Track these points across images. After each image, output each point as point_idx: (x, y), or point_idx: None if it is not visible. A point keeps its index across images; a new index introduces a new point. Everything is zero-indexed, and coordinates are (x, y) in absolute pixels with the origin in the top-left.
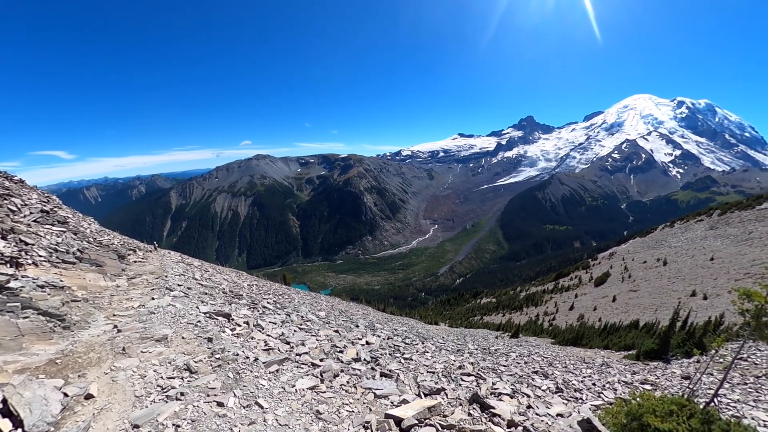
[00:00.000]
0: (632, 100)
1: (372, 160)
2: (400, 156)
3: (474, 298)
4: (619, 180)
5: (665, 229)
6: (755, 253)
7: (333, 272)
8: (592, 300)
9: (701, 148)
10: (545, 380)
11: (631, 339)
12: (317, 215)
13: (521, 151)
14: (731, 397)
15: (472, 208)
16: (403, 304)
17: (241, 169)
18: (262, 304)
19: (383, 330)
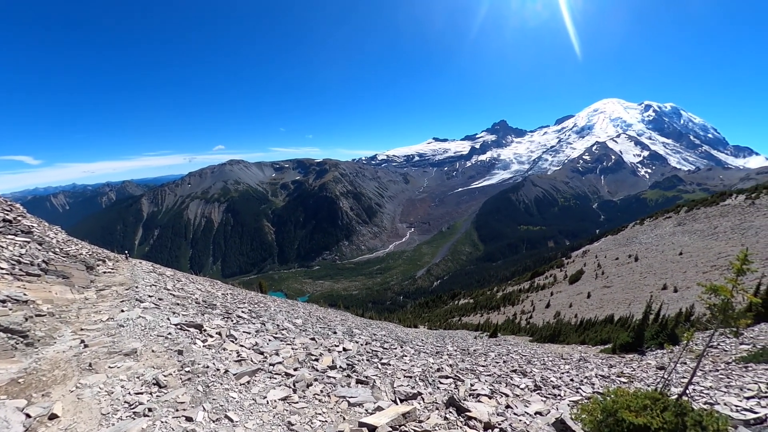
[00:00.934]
0: (602, 104)
1: (347, 165)
2: (375, 160)
3: (452, 299)
4: (590, 181)
5: (635, 227)
6: (721, 246)
7: (310, 279)
8: (568, 297)
9: (668, 149)
10: (524, 378)
11: (607, 333)
12: (293, 221)
13: (495, 155)
14: (704, 385)
15: (447, 211)
16: (381, 308)
17: (214, 174)
18: (236, 313)
19: (362, 335)
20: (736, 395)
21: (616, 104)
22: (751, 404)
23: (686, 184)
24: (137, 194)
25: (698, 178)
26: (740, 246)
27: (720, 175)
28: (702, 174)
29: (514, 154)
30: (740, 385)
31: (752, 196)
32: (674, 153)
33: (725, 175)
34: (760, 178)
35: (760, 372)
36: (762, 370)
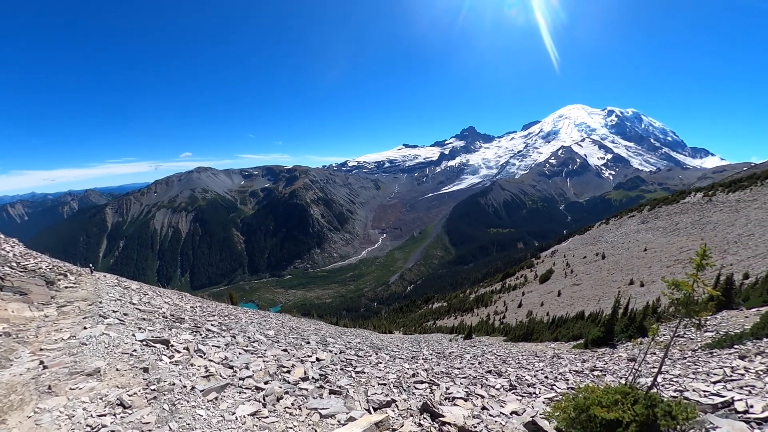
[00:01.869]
0: (567, 110)
1: (318, 172)
2: (346, 167)
3: (426, 303)
4: (556, 183)
5: (601, 226)
6: (682, 241)
7: (282, 288)
8: (539, 296)
9: (630, 152)
10: (499, 379)
11: (579, 329)
12: (263, 230)
13: (464, 160)
14: (674, 373)
15: (418, 216)
16: (356, 315)
17: (181, 182)
18: (205, 327)
19: (336, 344)
20: (704, 381)
21: (581, 110)
22: (718, 388)
23: (648, 184)
24: (101, 203)
25: (659, 179)
26: (700, 240)
27: (679, 175)
28: (662, 174)
29: (482, 160)
30: (707, 370)
31: (709, 194)
32: (636, 155)
33: (684, 174)
34: (716, 176)
35: (724, 357)
36: (726, 354)
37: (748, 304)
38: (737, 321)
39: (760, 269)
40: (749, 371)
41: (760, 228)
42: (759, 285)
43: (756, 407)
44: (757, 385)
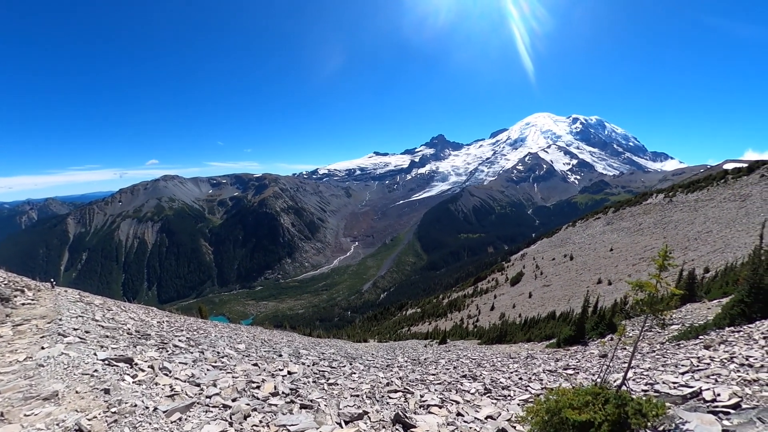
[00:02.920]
0: (533, 118)
1: (288, 180)
2: (317, 174)
3: (400, 310)
4: (524, 189)
5: (569, 229)
6: (646, 240)
7: (253, 300)
8: (511, 298)
9: (594, 157)
10: (474, 383)
11: (551, 329)
12: (232, 240)
13: (434, 168)
14: (644, 366)
15: (390, 224)
16: (329, 325)
17: (147, 191)
18: (173, 342)
19: (309, 356)
20: (672, 372)
21: (547, 118)
22: (686, 379)
23: (612, 187)
24: (62, 213)
25: (622, 182)
26: (663, 239)
27: (641, 178)
28: (625, 178)
29: (452, 167)
30: (675, 362)
31: (670, 195)
32: (600, 160)
33: (646, 177)
34: (675, 178)
35: (691, 348)
36: (692, 345)
37: (710, 296)
38: (700, 313)
39: (719, 263)
40: (714, 360)
41: (718, 225)
42: (719, 278)
43: (723, 395)
44: (723, 373)
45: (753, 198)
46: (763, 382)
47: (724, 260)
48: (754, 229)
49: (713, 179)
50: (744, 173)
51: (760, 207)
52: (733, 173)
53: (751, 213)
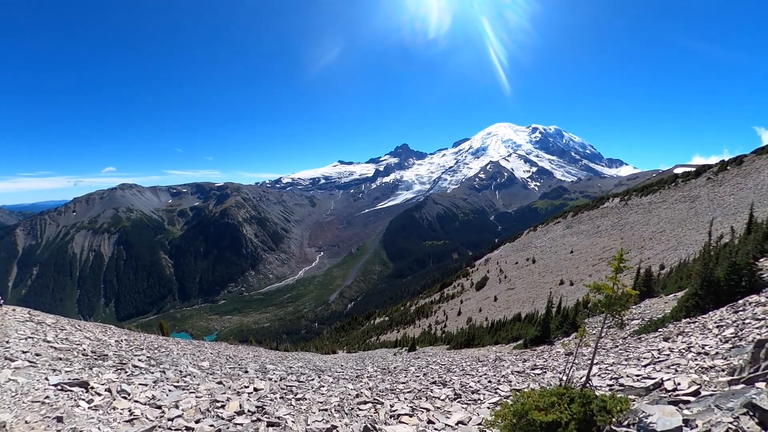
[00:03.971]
0: (494, 128)
1: (250, 189)
2: (280, 183)
3: (368, 319)
4: (486, 196)
5: (530, 233)
6: (604, 241)
7: (216, 314)
8: (477, 303)
9: (553, 165)
10: (444, 389)
11: (517, 330)
12: (193, 252)
13: (398, 177)
14: (608, 362)
15: (355, 233)
16: (297, 338)
17: (103, 200)
18: (132, 363)
19: (276, 371)
20: (635, 365)
21: (507, 128)
22: (649, 371)
23: (570, 192)
24: (10, 224)
25: (580, 187)
26: (620, 239)
27: (598, 183)
28: (583, 183)
29: (416, 176)
30: (637, 355)
31: (625, 198)
32: (559, 167)
33: (602, 183)
34: (630, 183)
35: (651, 340)
36: (652, 338)
37: (666, 291)
38: (658, 307)
39: (673, 260)
40: (673, 351)
41: (670, 225)
42: (673, 274)
43: (683, 384)
44: (682, 362)
45: (701, 199)
46: (719, 368)
47: (678, 257)
48: (704, 227)
49: (665, 183)
50: (692, 176)
51: (707, 207)
52: (682, 177)
53: (700, 213)
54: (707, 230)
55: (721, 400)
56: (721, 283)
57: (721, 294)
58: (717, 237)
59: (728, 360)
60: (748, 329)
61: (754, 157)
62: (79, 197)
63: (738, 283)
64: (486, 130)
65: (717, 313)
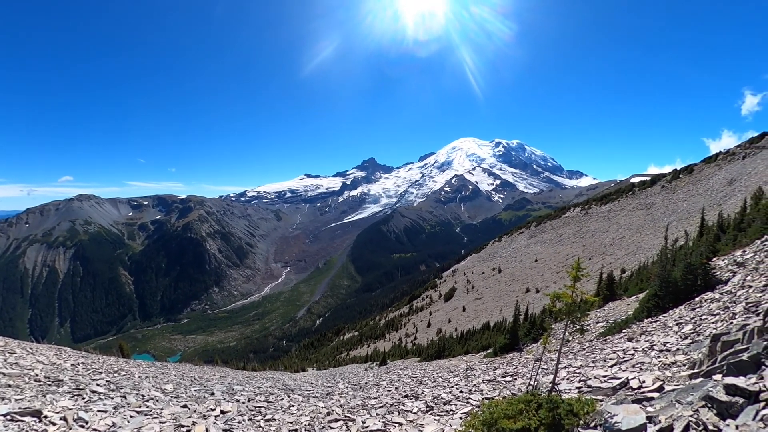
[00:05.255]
0: (459, 143)
1: (214, 202)
2: (245, 197)
3: (337, 335)
4: (451, 209)
5: (495, 244)
6: (567, 249)
7: (180, 334)
8: (446, 314)
9: (516, 177)
10: (416, 402)
11: (487, 339)
12: (154, 268)
13: (365, 190)
14: (576, 364)
15: (322, 247)
16: (264, 356)
17: (59, 212)
18: (90, 388)
19: (244, 391)
20: (602, 366)
21: (471, 142)
22: (615, 371)
23: (533, 204)
24: None
25: (542, 198)
26: (582, 247)
27: (559, 194)
28: (545, 195)
29: (383, 189)
30: (603, 357)
31: (586, 208)
32: (521, 180)
33: (563, 194)
34: (590, 193)
35: (616, 341)
36: (617, 339)
37: (628, 294)
38: (621, 309)
39: (633, 264)
40: (637, 350)
41: (629, 231)
42: (634, 276)
43: (647, 381)
44: (645, 361)
45: (657, 206)
46: (680, 363)
47: (638, 261)
48: (660, 232)
49: (623, 192)
50: (648, 185)
51: (663, 213)
52: (639, 185)
53: (657, 218)
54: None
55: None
56: (679, 283)
57: (679, 293)
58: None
59: (688, 355)
60: (705, 325)
61: (703, 166)
62: (32, 208)
63: (694, 282)
64: (451, 144)
65: (676, 312)
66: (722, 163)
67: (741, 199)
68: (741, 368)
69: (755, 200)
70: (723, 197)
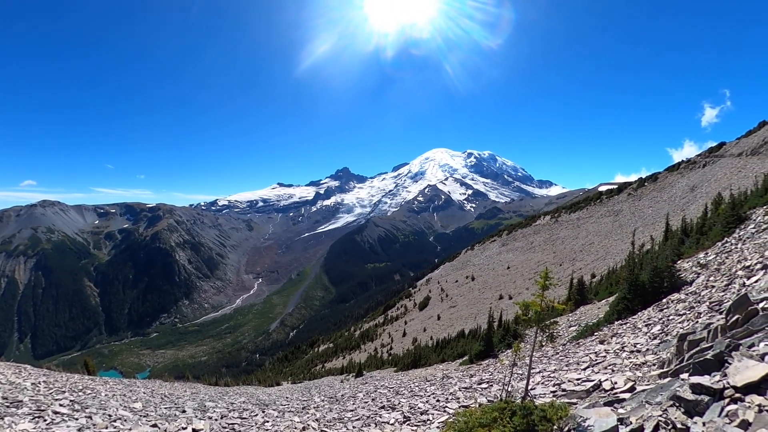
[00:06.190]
0: (432, 153)
1: (184, 211)
2: (216, 206)
3: (311, 347)
4: (425, 218)
5: (468, 252)
6: (538, 256)
7: (148, 349)
8: (421, 323)
9: (487, 187)
10: (393, 413)
11: (462, 347)
12: (121, 279)
13: (339, 200)
14: (550, 369)
15: (295, 257)
16: (237, 371)
17: (20, 218)
18: (52, 408)
19: (216, 408)
20: (575, 370)
21: (444, 153)
22: (588, 374)
23: (504, 212)
24: None
25: (513, 207)
26: (553, 254)
27: (530, 203)
28: (516, 204)
29: (356, 199)
30: (576, 360)
31: (555, 216)
32: (493, 190)
33: (534, 202)
34: (559, 202)
35: (588, 344)
36: (589, 342)
37: (599, 297)
38: (593, 312)
39: (603, 268)
40: (609, 352)
41: (597, 237)
42: (604, 281)
43: (619, 382)
44: (617, 362)
45: (624, 212)
46: (650, 363)
47: (607, 266)
48: (627, 237)
49: (591, 200)
50: (615, 193)
51: (629, 219)
52: (606, 194)
53: (624, 225)
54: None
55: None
56: (646, 285)
57: (647, 295)
58: (639, 245)
59: (658, 355)
60: (673, 325)
61: (667, 174)
62: None
63: (661, 284)
64: (424, 155)
65: (645, 313)
66: (684, 171)
67: (702, 204)
68: (706, 367)
69: (715, 205)
70: (686, 203)
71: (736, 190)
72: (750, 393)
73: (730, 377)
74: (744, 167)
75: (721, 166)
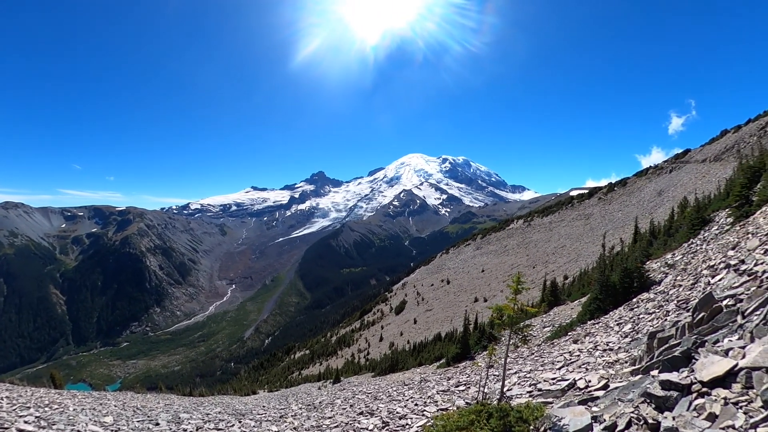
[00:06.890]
0: (407, 158)
1: (155, 215)
2: (188, 210)
3: (287, 354)
4: (400, 222)
5: (443, 256)
6: (512, 259)
7: (119, 359)
8: (397, 327)
9: (462, 192)
10: (371, 419)
11: (439, 350)
12: (89, 286)
13: (314, 204)
14: (526, 369)
15: (269, 263)
16: (212, 380)
17: None
18: (16, 426)
19: (191, 420)
20: (551, 369)
21: (419, 158)
22: (562, 373)
23: (478, 217)
24: None
25: (487, 212)
26: (526, 257)
27: (503, 208)
28: (490, 208)
29: (332, 203)
30: (551, 360)
31: (528, 220)
32: (467, 194)
33: (507, 207)
34: (532, 206)
35: (563, 344)
36: (563, 342)
37: (572, 298)
38: (566, 313)
39: (575, 270)
40: (583, 351)
41: (569, 240)
42: (576, 282)
43: (593, 381)
44: (591, 361)
45: (594, 216)
46: (623, 361)
47: (579, 267)
48: (598, 240)
49: (563, 204)
50: (586, 197)
51: (600, 222)
52: (577, 198)
53: (595, 228)
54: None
55: (624, 392)
56: (617, 286)
57: (618, 295)
58: (610, 247)
59: (630, 353)
60: (643, 323)
61: (636, 179)
62: None
63: (631, 285)
64: (400, 160)
65: (616, 313)
66: (652, 176)
67: (669, 208)
68: (674, 363)
69: (681, 208)
70: (653, 207)
71: (700, 194)
72: (716, 387)
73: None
74: (708, 172)
75: (687, 171)
